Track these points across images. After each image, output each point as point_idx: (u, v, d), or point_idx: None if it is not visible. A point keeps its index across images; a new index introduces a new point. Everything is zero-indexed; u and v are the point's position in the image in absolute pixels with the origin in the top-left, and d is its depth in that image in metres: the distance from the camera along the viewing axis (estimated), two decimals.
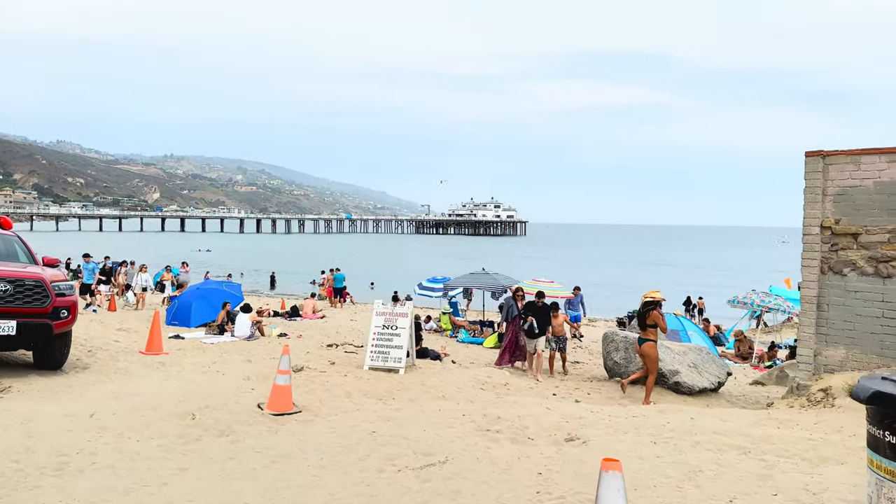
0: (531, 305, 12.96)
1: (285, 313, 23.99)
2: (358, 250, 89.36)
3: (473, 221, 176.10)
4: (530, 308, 12.89)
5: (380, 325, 11.07)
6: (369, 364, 10.84)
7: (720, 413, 7.67)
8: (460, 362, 14.33)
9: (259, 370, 10.32)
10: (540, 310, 12.77)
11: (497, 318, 22.23)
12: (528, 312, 12.77)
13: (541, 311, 12.75)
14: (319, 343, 15.82)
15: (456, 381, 10.38)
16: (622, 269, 64.68)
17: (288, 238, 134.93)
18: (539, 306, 12.81)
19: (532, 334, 12.57)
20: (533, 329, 12.48)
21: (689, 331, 15.85)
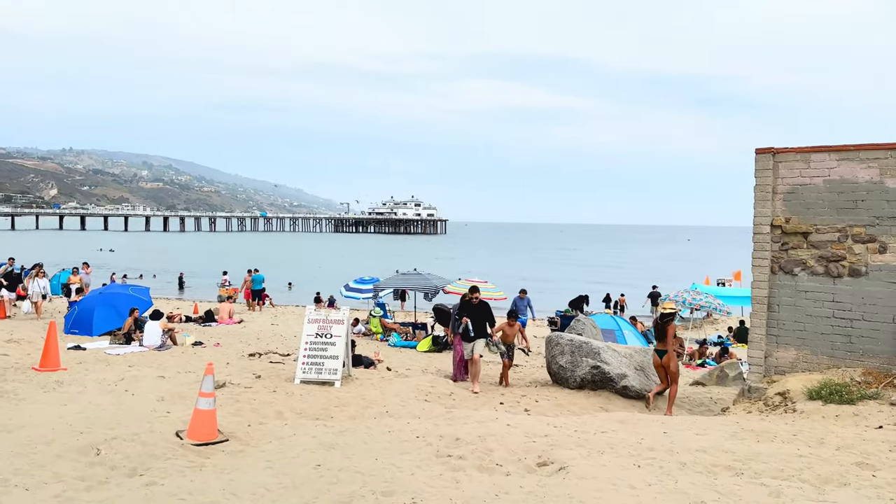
0: (466, 304, 11.36)
1: (199, 318, 22.40)
2: (274, 250, 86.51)
3: (394, 220, 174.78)
4: (465, 307, 11.36)
5: (312, 334, 10.09)
6: (301, 377, 9.85)
7: (687, 424, 7.21)
8: (396, 369, 13.51)
9: (175, 388, 9.15)
10: (476, 308, 11.21)
11: (430, 320, 21.55)
12: (463, 312, 11.28)
13: (477, 309, 11.21)
14: (240, 352, 14.62)
15: (397, 392, 9.56)
16: (542, 266, 65.44)
17: (198, 237, 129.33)
18: (474, 304, 11.24)
19: (467, 337, 11.09)
20: (468, 331, 10.99)
21: (625, 330, 15.65)
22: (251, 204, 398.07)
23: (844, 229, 8.99)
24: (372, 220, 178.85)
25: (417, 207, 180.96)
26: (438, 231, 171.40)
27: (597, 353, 10.73)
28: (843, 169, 9.01)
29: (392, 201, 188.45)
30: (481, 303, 11.43)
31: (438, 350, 16.75)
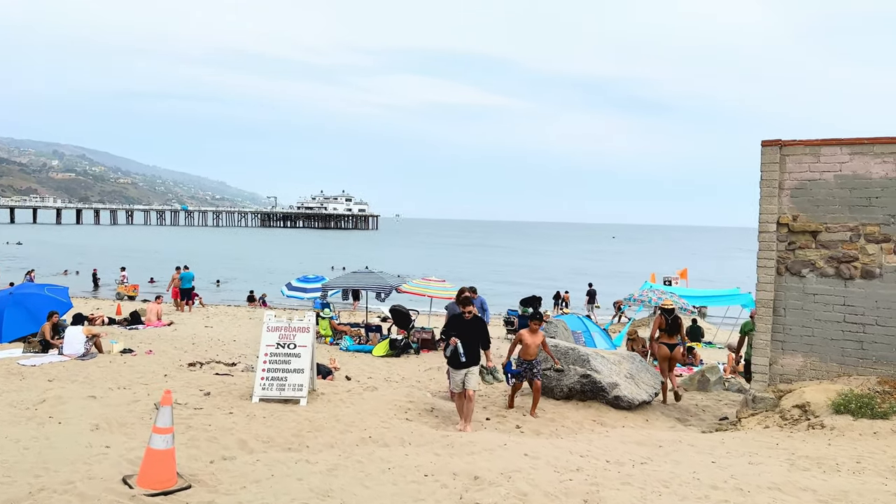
0: (457, 320, 8.83)
1: (123, 320, 20.39)
2: (197, 245, 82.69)
3: (324, 215, 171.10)
4: (454, 324, 8.83)
5: (273, 344, 8.77)
6: (260, 394, 8.52)
7: (725, 447, 6.40)
8: (356, 378, 12.32)
9: (110, 411, 7.67)
10: (468, 326, 8.64)
11: (385, 323, 20.26)
12: (451, 330, 8.75)
13: (470, 327, 8.65)
14: (177, 360, 13.04)
15: (374, 410, 8.40)
16: (479, 264, 64.99)
17: (114, 231, 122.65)
18: (468, 320, 8.67)
19: (457, 363, 8.50)
20: (458, 355, 8.39)
21: (593, 331, 14.96)
22: (170, 197, 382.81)
23: (857, 228, 8.44)
24: (301, 215, 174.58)
25: (348, 202, 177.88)
26: (370, 227, 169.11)
27: (586, 360, 9.88)
28: (855, 164, 8.45)
29: (322, 196, 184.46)
30: (475, 319, 8.80)
31: (396, 354, 15.60)
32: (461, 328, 8.67)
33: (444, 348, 8.83)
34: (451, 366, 8.71)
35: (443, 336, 9.09)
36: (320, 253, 72.50)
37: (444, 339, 8.95)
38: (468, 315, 8.74)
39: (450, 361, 8.68)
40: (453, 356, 8.54)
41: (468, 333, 8.60)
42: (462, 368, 8.49)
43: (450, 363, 8.71)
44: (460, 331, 8.61)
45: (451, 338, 8.56)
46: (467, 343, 8.45)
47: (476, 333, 8.71)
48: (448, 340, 8.64)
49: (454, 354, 8.50)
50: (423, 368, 13.91)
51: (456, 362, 8.54)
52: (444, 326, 8.96)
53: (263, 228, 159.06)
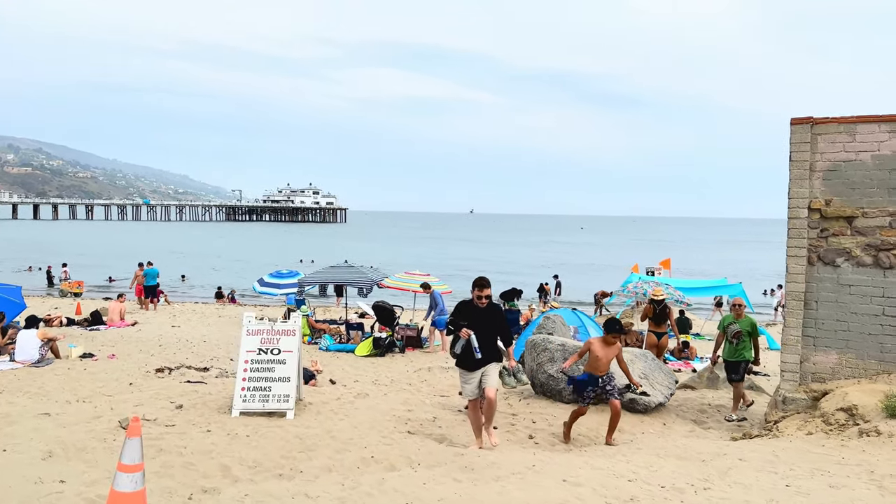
0: (466, 308, 7.06)
1: (84, 321, 19.01)
2: (160, 240, 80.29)
3: (291, 208, 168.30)
4: (465, 312, 7.02)
5: (254, 349, 7.75)
6: (240, 407, 7.51)
7: (776, 460, 5.63)
8: (342, 382, 11.33)
9: (67, 432, 6.58)
10: (484, 315, 6.97)
11: (369, 320, 19.22)
12: (461, 319, 6.94)
13: (485, 316, 6.98)
14: (143, 365, 11.91)
15: (371, 423, 7.46)
16: (447, 254, 64.14)
17: (74, 226, 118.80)
18: (482, 307, 6.98)
19: (470, 361, 6.83)
20: (472, 351, 6.70)
21: (589, 326, 14.17)
22: (132, 191, 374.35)
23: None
24: (267, 209, 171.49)
25: (316, 195, 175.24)
26: (338, 220, 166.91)
27: None
28: (895, 142, 7.75)
29: (288, 189, 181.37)
30: (491, 306, 7.12)
31: (381, 354, 14.63)
32: (474, 318, 6.86)
33: (452, 344, 7.02)
34: (461, 367, 6.99)
35: (450, 324, 7.10)
36: (288, 247, 70.89)
37: (452, 332, 7.05)
38: (483, 302, 6.93)
39: (459, 361, 6.93)
40: (465, 353, 6.75)
41: (484, 324, 6.85)
42: (476, 368, 6.85)
43: (460, 363, 6.97)
44: (473, 321, 6.81)
45: (461, 329, 6.77)
46: (483, 336, 6.77)
47: (494, 325, 6.99)
48: (457, 333, 6.83)
49: (466, 350, 6.72)
50: (411, 369, 13.00)
51: (469, 360, 6.79)
52: (450, 316, 7.25)
53: (229, 222, 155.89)
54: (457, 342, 6.94)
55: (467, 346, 6.78)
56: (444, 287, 17.11)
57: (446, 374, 12.21)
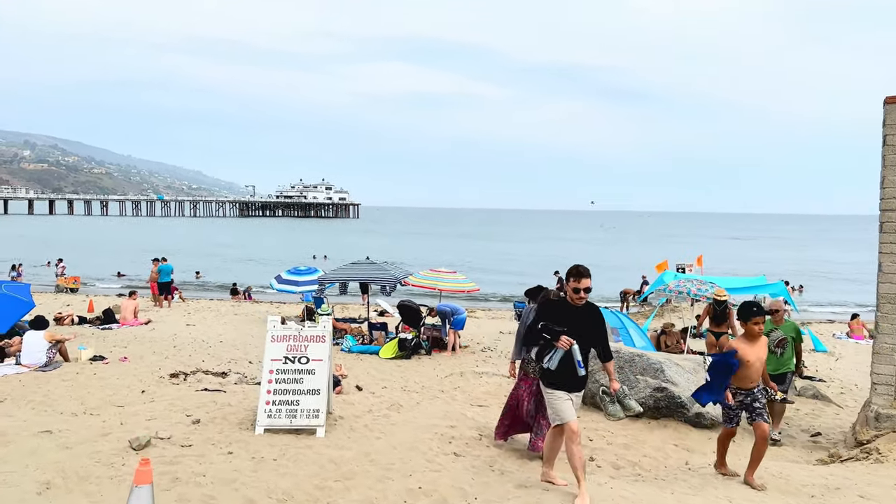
0: (559, 306, 5.52)
1: (96, 318, 18.31)
2: (174, 235, 79.99)
3: (304, 204, 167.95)
4: (555, 311, 5.45)
5: (279, 358, 6.90)
6: (265, 423, 6.67)
7: None
8: (369, 388, 10.49)
9: (68, 455, 5.77)
10: (584, 316, 5.41)
11: (390, 319, 18.43)
12: (549, 319, 5.34)
13: (586, 318, 5.42)
14: (156, 369, 11.13)
15: (411, 441, 6.60)
16: (465, 250, 63.24)
17: (88, 222, 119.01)
18: (577, 306, 5.38)
19: (571, 379, 5.29)
20: (575, 366, 5.20)
21: (630, 328, 13.27)
22: (146, 187, 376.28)
23: None
24: (280, 204, 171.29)
25: (328, 191, 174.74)
26: (351, 215, 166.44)
27: (658, 369, 8.16)
28: None
29: (301, 184, 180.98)
30: (590, 305, 5.50)
31: (406, 356, 13.79)
32: (571, 321, 5.25)
33: (543, 355, 5.37)
34: (551, 384, 5.32)
35: (538, 327, 5.35)
36: (301, 242, 70.31)
37: (540, 334, 5.31)
38: (581, 298, 5.31)
39: (553, 378, 5.29)
40: (564, 368, 5.20)
41: (583, 330, 5.29)
42: (579, 389, 5.39)
43: (553, 381, 5.30)
44: (570, 325, 5.23)
45: (559, 335, 5.17)
46: (584, 345, 5.26)
47: (595, 330, 5.44)
48: (554, 341, 5.21)
49: (566, 365, 5.18)
50: (441, 374, 12.13)
51: (569, 378, 5.24)
52: (535, 315, 5.62)
53: (242, 218, 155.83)
54: (551, 354, 5.28)
55: (567, 359, 5.18)
56: (471, 285, 16.25)
57: (480, 379, 11.34)
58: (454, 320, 14.53)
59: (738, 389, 5.73)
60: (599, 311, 5.72)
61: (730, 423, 6.02)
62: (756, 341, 5.68)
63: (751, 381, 5.70)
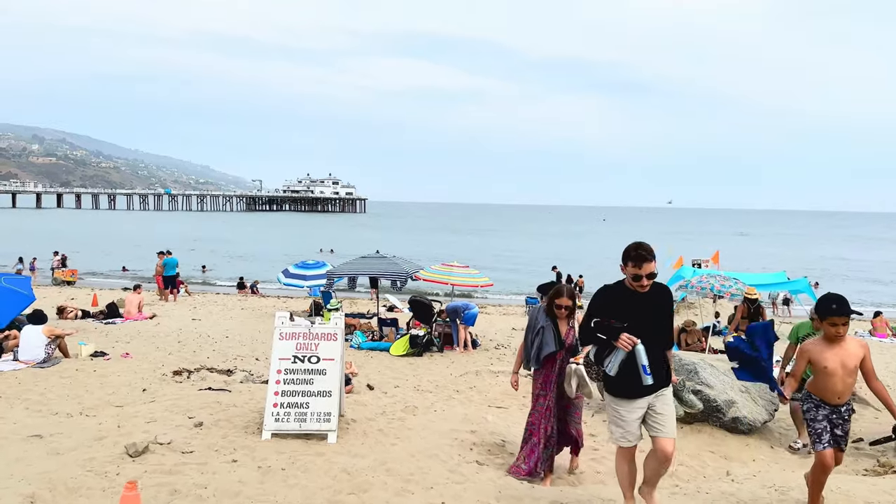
0: (619, 294, 4.41)
1: (99, 312, 17.91)
2: (181, 229, 79.76)
3: (311, 198, 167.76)
4: (615, 300, 4.39)
5: (288, 357, 6.41)
6: (272, 428, 6.19)
7: None
8: (381, 387, 10.02)
9: (57, 463, 5.30)
10: (649, 304, 4.37)
11: (400, 315, 17.95)
12: (612, 316, 4.33)
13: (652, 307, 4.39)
14: (159, 366, 10.69)
15: (430, 449, 6.10)
16: (470, 245, 62.73)
17: (95, 215, 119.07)
18: (646, 293, 4.35)
19: (633, 386, 4.31)
20: (639, 370, 4.21)
21: None
22: (153, 181, 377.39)
23: None
24: (287, 199, 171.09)
25: (335, 186, 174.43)
26: (357, 210, 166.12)
27: (692, 370, 7.62)
28: None
29: (308, 179, 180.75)
30: (658, 289, 4.46)
31: (418, 353, 13.31)
32: (634, 312, 4.26)
33: (599, 357, 4.42)
34: (616, 394, 4.40)
35: (592, 325, 4.36)
36: (307, 236, 69.95)
37: (595, 330, 4.33)
38: (645, 285, 4.26)
39: (611, 383, 4.36)
40: (627, 372, 4.23)
41: (650, 322, 4.29)
42: (642, 395, 4.32)
43: (610, 386, 4.41)
44: (633, 317, 4.24)
45: (618, 334, 4.17)
46: (650, 342, 4.26)
47: (662, 321, 4.43)
48: (612, 340, 4.21)
49: (628, 368, 4.22)
50: (455, 372, 11.63)
51: (631, 384, 4.27)
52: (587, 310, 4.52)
53: (249, 212, 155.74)
54: (611, 356, 4.29)
55: (629, 361, 4.21)
56: (485, 279, 15.74)
57: (496, 378, 10.84)
58: (465, 315, 14.05)
59: (822, 402, 4.56)
60: (669, 293, 4.65)
61: (822, 445, 4.45)
62: (838, 344, 4.47)
63: (834, 394, 4.51)
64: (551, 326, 5.70)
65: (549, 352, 5.64)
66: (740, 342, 4.88)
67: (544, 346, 5.65)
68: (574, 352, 5.64)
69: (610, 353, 4.34)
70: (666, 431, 4.41)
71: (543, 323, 5.73)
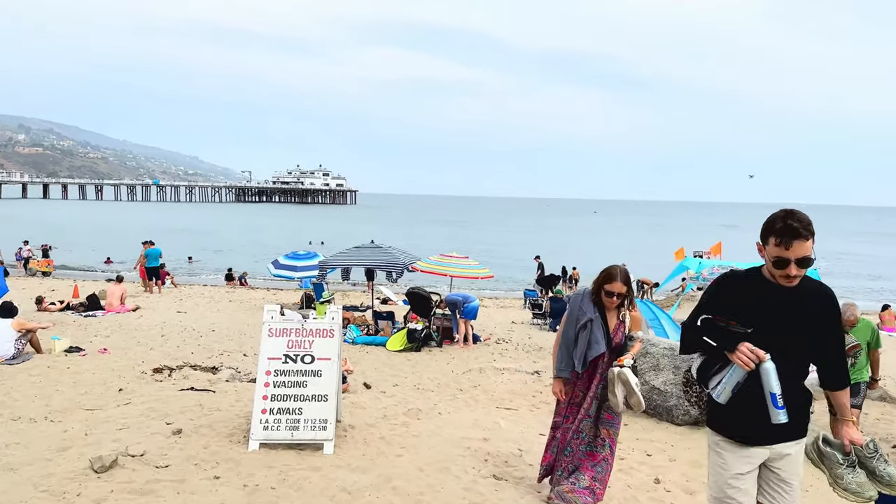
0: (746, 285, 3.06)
1: (79, 305, 17.07)
2: (169, 220, 78.53)
3: (301, 190, 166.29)
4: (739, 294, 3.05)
5: (279, 356, 5.67)
6: (260, 437, 5.44)
7: None
8: (379, 386, 9.31)
9: (11, 481, 4.54)
10: (795, 306, 2.99)
11: (396, 308, 17.19)
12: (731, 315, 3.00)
13: (798, 310, 2.99)
14: (138, 362, 9.92)
15: (439, 461, 5.39)
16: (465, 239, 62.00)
17: (82, 206, 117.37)
18: (785, 290, 2.96)
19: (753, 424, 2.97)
20: (770, 402, 2.84)
21: (662, 319, 12.07)
22: (142, 171, 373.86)
23: None
24: (277, 190, 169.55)
25: (326, 177, 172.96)
26: (348, 202, 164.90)
27: None
28: None
29: (298, 170, 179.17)
30: (807, 289, 3.03)
31: (416, 348, 12.60)
32: (768, 313, 2.98)
33: (708, 373, 3.09)
34: (720, 427, 3.13)
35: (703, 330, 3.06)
36: (297, 228, 68.99)
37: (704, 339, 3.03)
38: (792, 279, 2.92)
39: (719, 415, 3.11)
40: (744, 403, 2.95)
41: (791, 334, 2.99)
42: (765, 442, 3.03)
43: (716, 420, 3.15)
44: (770, 324, 2.96)
45: (737, 343, 2.89)
46: (787, 362, 2.92)
47: (816, 338, 3.06)
48: (727, 349, 2.93)
49: (746, 398, 2.93)
50: (457, 369, 10.94)
51: (748, 419, 2.99)
52: (698, 303, 3.20)
53: (238, 203, 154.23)
54: (721, 375, 3.00)
55: (752, 386, 2.89)
56: (485, 271, 15.02)
57: (501, 376, 10.16)
58: (465, 309, 13.34)
59: None
60: (833, 299, 3.12)
61: None
62: None
63: None
64: (600, 320, 4.58)
65: (599, 352, 4.52)
66: None
67: (593, 345, 4.50)
68: (620, 352, 4.58)
69: (721, 369, 2.99)
70: (793, 499, 3.06)
71: (591, 315, 4.56)
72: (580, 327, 4.56)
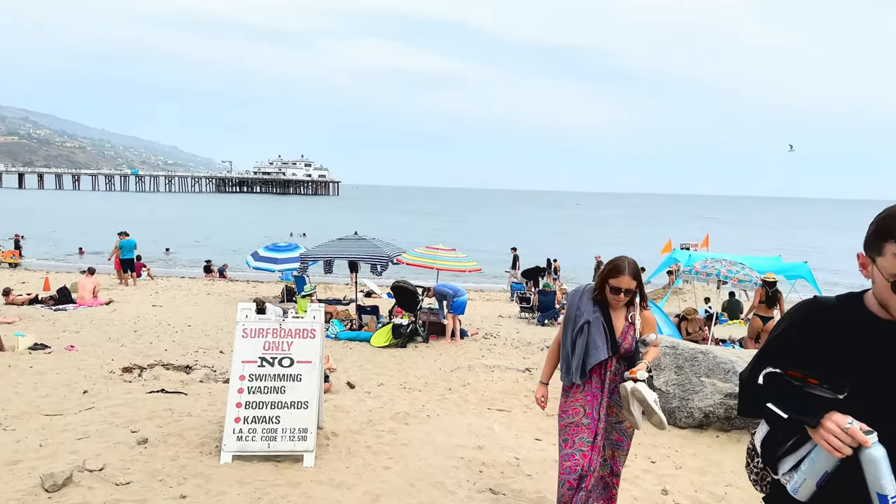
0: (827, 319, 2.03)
1: (49, 298, 16.38)
2: (147, 210, 77.21)
3: (282, 180, 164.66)
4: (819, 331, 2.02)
5: (254, 359, 5.16)
6: (233, 449, 4.94)
7: None
8: (363, 386, 8.84)
9: None
10: None
11: (381, 302, 16.66)
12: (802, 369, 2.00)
13: None
14: (108, 360, 9.37)
15: (432, 473, 4.93)
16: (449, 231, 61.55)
17: (58, 196, 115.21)
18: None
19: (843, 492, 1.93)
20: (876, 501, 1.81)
21: (654, 313, 11.70)
22: (120, 161, 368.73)
23: None
24: (258, 181, 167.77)
25: (308, 168, 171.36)
26: (331, 192, 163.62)
27: (730, 370, 6.57)
28: None
29: (280, 160, 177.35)
30: None
31: (401, 344, 12.13)
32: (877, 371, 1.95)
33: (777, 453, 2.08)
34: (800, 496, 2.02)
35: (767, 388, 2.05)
36: (278, 219, 68.11)
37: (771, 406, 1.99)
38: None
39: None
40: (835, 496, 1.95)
41: None
42: None
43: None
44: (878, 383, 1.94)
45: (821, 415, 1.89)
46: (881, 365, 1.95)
47: None
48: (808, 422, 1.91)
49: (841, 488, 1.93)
50: (445, 367, 10.49)
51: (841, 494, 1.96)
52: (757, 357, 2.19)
53: (219, 194, 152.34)
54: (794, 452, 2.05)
55: (846, 477, 1.90)
56: (473, 264, 14.57)
57: (491, 374, 9.72)
58: (454, 303, 12.89)
59: None
60: None
61: None
62: None
63: None
64: (601, 320, 3.82)
65: (599, 359, 3.77)
66: None
67: (591, 351, 3.77)
68: (631, 361, 3.83)
69: (797, 447, 2.04)
70: None
71: (590, 315, 3.82)
72: (577, 330, 3.84)
